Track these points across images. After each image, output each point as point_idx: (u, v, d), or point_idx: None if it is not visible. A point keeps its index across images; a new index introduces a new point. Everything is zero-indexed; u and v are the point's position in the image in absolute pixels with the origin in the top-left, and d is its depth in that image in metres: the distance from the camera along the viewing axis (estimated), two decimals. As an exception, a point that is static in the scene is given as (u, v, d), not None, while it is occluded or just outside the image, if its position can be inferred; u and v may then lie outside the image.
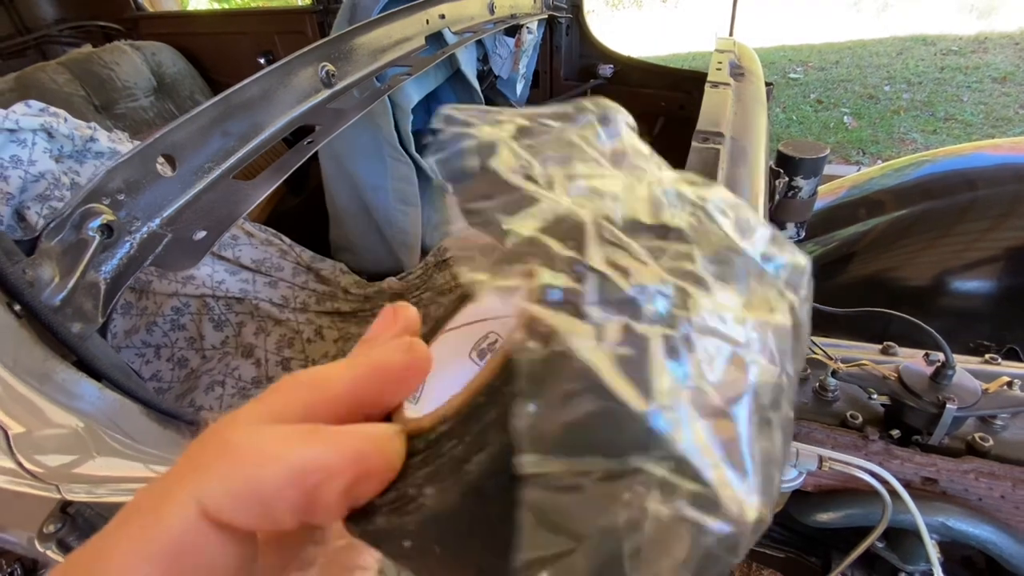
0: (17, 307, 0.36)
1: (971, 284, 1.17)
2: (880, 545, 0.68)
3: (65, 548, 0.42)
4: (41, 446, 0.40)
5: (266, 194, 0.51)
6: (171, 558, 0.13)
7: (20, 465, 0.41)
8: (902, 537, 0.66)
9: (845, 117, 4.00)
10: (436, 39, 0.96)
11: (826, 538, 0.80)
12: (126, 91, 2.06)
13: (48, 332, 0.37)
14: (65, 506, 0.42)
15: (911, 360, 0.69)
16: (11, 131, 0.91)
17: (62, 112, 0.99)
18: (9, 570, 1.42)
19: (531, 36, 1.33)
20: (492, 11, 1.15)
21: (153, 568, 0.13)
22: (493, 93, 1.40)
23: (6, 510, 0.60)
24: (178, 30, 2.33)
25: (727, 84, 0.73)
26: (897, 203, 1.30)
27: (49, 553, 0.42)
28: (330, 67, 0.67)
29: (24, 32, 2.34)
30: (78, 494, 0.42)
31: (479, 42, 1.27)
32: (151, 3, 2.43)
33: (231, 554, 0.14)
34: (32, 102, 0.97)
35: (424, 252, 1.28)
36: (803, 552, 0.82)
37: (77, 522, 0.43)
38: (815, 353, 0.77)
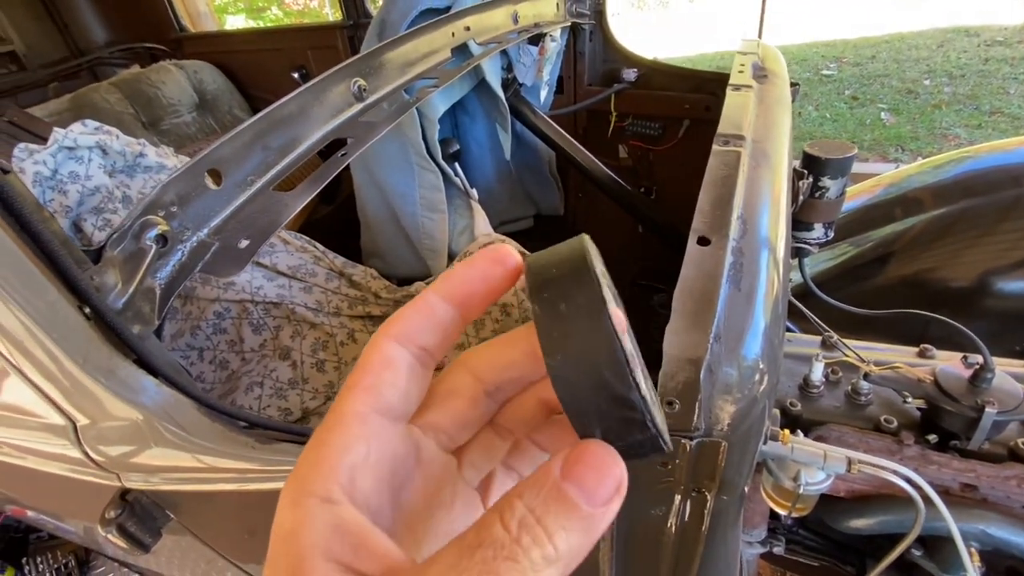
0: (87, 310, 0.40)
1: (1016, 285, 1.12)
2: (918, 553, 0.66)
3: (124, 533, 0.45)
4: (104, 437, 0.43)
5: (304, 204, 0.54)
6: None
7: (86, 454, 0.45)
8: (940, 545, 0.64)
9: (882, 113, 3.87)
10: (462, 50, 0.99)
11: (862, 545, 0.78)
12: (171, 108, 2.18)
13: (112, 332, 0.41)
14: (124, 493, 0.46)
15: (948, 363, 0.67)
16: (70, 149, 0.98)
17: (115, 130, 1.06)
18: (64, 560, 1.51)
19: (554, 44, 1.35)
20: (516, 21, 1.17)
21: None
22: (517, 100, 1.42)
23: (68, 499, 0.65)
24: (218, 48, 2.45)
25: (749, 87, 0.73)
26: (936, 201, 1.25)
27: (110, 537, 0.45)
28: (362, 82, 0.70)
29: (78, 55, 2.50)
30: (136, 482, 0.45)
31: (503, 51, 1.29)
32: (192, 24, 2.56)
33: None
34: (88, 121, 1.04)
35: (451, 257, 1.31)
36: (838, 560, 0.80)
37: (135, 508, 0.46)
38: (847, 356, 0.75)
